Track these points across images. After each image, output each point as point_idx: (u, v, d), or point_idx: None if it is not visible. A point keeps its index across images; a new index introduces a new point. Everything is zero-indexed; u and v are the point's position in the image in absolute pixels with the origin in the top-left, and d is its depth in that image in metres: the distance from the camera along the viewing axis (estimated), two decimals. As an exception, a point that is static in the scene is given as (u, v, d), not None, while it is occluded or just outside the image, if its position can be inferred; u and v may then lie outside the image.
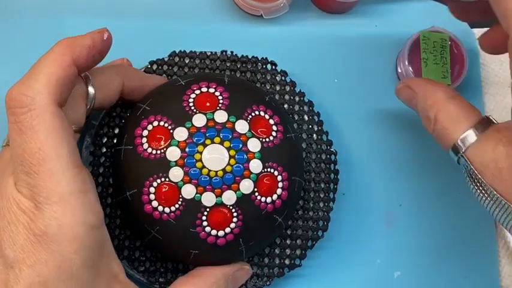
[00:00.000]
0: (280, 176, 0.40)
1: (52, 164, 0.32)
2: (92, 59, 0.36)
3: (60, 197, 0.32)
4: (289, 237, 0.44)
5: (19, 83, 0.33)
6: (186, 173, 0.38)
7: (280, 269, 0.44)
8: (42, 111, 0.32)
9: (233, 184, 0.38)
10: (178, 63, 0.46)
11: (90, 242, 0.33)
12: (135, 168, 0.39)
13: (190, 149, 0.38)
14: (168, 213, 0.38)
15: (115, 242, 0.42)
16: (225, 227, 0.38)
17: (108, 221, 0.42)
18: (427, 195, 0.48)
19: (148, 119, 0.39)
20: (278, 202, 0.40)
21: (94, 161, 0.43)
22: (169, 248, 0.40)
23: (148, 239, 0.39)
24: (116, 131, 0.44)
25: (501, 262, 0.49)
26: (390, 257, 0.48)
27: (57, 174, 0.32)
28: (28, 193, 0.32)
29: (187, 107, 0.39)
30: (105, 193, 0.43)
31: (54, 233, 0.32)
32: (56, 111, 0.33)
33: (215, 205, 0.38)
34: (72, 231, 0.32)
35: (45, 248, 0.32)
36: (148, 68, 0.46)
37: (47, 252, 0.32)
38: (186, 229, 0.38)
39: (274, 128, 0.41)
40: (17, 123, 0.33)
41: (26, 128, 0.32)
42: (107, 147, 0.43)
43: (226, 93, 0.41)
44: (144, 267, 0.43)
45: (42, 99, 0.33)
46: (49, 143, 0.32)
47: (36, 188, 0.32)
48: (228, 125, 0.39)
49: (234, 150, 0.38)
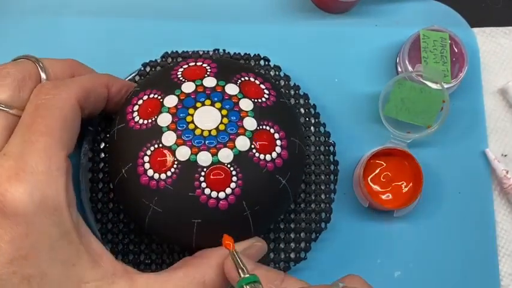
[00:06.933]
0: (277, 134, 0.38)
1: (52, 140, 0.34)
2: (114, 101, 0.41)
3: (48, 169, 0.33)
4: (293, 230, 0.44)
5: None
6: (178, 136, 0.37)
7: (285, 263, 0.44)
8: (63, 98, 0.36)
9: (228, 142, 0.37)
10: (171, 64, 0.45)
11: (67, 217, 0.34)
12: (128, 143, 0.38)
13: (181, 114, 0.37)
14: (165, 179, 0.36)
15: (119, 247, 0.42)
16: (225, 187, 0.36)
17: (112, 226, 0.42)
18: (427, 195, 0.48)
19: (139, 96, 0.39)
20: (279, 161, 0.38)
21: (93, 167, 0.43)
22: (171, 221, 0.38)
23: (149, 217, 0.38)
24: None
25: (501, 262, 0.49)
26: (390, 257, 0.48)
27: (52, 149, 0.34)
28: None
29: (176, 78, 0.39)
30: (106, 198, 0.43)
31: (36, 204, 0.32)
32: (75, 105, 0.36)
33: (212, 164, 0.36)
34: (53, 203, 0.33)
35: (24, 220, 0.32)
36: (141, 70, 0.45)
37: (27, 225, 0.32)
38: (185, 194, 0.36)
39: (266, 92, 0.40)
40: (37, 103, 0.35)
41: (44, 105, 0.35)
42: (105, 152, 0.43)
43: (214, 64, 0.40)
44: (151, 270, 0.42)
45: (67, 92, 0.36)
46: (57, 124, 0.34)
47: (28, 155, 0.33)
48: (217, 89, 0.38)
49: (226, 110, 0.38)
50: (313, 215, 0.45)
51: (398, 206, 0.47)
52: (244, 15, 0.50)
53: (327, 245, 0.47)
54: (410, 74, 0.48)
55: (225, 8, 0.50)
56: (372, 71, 0.50)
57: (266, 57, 0.47)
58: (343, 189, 0.48)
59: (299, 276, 0.46)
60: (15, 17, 0.49)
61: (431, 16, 0.51)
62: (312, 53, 0.50)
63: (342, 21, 0.51)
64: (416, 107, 0.47)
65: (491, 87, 0.51)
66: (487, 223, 0.49)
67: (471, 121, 0.50)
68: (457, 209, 0.49)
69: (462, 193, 0.49)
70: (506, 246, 0.49)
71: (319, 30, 0.50)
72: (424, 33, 0.48)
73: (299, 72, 0.48)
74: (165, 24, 0.49)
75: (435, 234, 0.48)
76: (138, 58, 0.46)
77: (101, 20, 0.49)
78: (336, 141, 0.46)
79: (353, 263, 0.47)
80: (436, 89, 0.48)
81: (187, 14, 0.50)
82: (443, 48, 0.48)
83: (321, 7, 0.51)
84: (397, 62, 0.50)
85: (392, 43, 0.51)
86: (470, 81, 0.50)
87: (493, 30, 0.52)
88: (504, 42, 0.52)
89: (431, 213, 0.48)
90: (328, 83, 0.50)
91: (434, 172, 0.49)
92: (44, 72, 0.37)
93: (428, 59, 0.48)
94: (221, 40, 0.48)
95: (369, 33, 0.51)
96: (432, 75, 0.48)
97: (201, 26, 0.50)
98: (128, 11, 0.50)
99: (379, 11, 0.51)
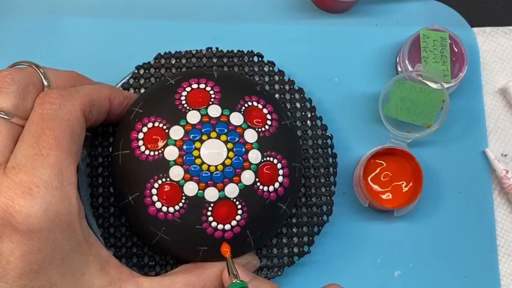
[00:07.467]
0: (280, 163, 0.40)
1: (62, 153, 0.33)
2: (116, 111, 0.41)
3: (61, 184, 0.33)
4: (295, 225, 0.45)
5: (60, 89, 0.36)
6: (186, 170, 0.38)
7: (290, 258, 0.44)
8: (69, 110, 0.35)
9: (234, 177, 0.38)
10: (165, 65, 0.45)
11: (79, 230, 0.34)
12: (135, 172, 0.39)
13: (187, 147, 0.38)
14: (173, 212, 0.38)
15: (123, 251, 0.42)
16: (231, 220, 0.38)
17: (114, 231, 0.42)
18: (427, 195, 0.48)
19: (143, 121, 0.39)
20: (281, 190, 0.40)
21: (92, 172, 0.43)
22: (178, 247, 0.40)
23: (156, 240, 0.39)
24: (110, 140, 0.43)
25: (501, 261, 0.49)
26: (391, 257, 0.48)
27: (63, 163, 0.33)
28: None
29: (180, 105, 0.39)
30: (107, 203, 0.43)
31: (51, 220, 0.32)
32: (81, 117, 0.36)
33: (219, 199, 0.38)
34: (66, 218, 0.33)
35: (38, 236, 0.32)
36: (135, 73, 0.45)
37: (41, 240, 0.32)
38: (192, 227, 0.38)
39: (268, 117, 0.40)
40: (43, 113, 0.34)
41: (50, 115, 0.34)
42: (103, 156, 0.43)
43: (217, 88, 0.40)
44: (155, 272, 0.43)
45: (72, 103, 0.35)
46: (66, 136, 0.34)
47: (40, 169, 0.32)
48: (222, 119, 0.39)
49: (232, 143, 0.38)
50: (315, 208, 0.45)
51: (398, 206, 0.47)
52: (244, 15, 0.50)
53: (326, 245, 0.47)
54: (410, 73, 0.48)
55: (225, 7, 0.50)
56: (371, 70, 0.50)
57: (260, 53, 0.47)
58: (343, 189, 0.48)
59: (299, 275, 0.46)
60: (14, 17, 0.49)
61: (431, 16, 0.51)
62: (312, 52, 0.50)
63: (342, 21, 0.51)
64: (416, 106, 0.47)
65: (491, 87, 0.51)
66: (487, 223, 0.49)
67: (471, 121, 0.50)
68: (457, 209, 0.49)
69: (462, 193, 0.49)
70: (506, 246, 0.49)
71: (319, 30, 0.50)
72: (424, 33, 0.48)
73: (299, 72, 0.48)
74: (162, 24, 0.49)
75: (435, 234, 0.48)
76: (133, 58, 0.45)
77: (98, 21, 0.49)
78: (336, 141, 0.46)
79: (353, 262, 0.47)
80: (436, 89, 0.48)
81: (187, 14, 0.50)
82: (443, 48, 0.48)
83: (321, 7, 0.51)
84: (397, 62, 0.50)
85: (392, 43, 0.51)
86: (470, 81, 0.50)
87: (493, 30, 0.52)
88: (504, 42, 0.52)
89: (431, 213, 0.48)
90: (328, 83, 0.50)
91: (434, 172, 0.49)
92: (46, 80, 0.37)
93: (428, 58, 0.48)
94: (221, 40, 0.48)
95: (369, 32, 0.51)
96: (432, 75, 0.48)
97: (201, 26, 0.50)
98: (121, 11, 0.49)
99: (379, 10, 0.51)
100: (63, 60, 0.42)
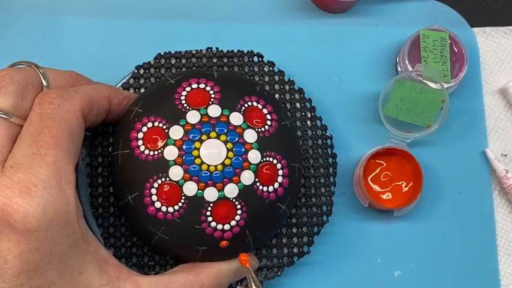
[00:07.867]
0: (279, 164, 0.40)
1: (60, 152, 0.33)
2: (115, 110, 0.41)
3: (59, 183, 0.33)
4: (294, 225, 0.45)
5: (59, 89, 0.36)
6: (185, 170, 0.38)
7: (289, 258, 0.44)
8: (68, 109, 0.35)
9: (234, 177, 0.38)
10: (165, 65, 0.45)
11: (77, 230, 0.34)
12: (134, 172, 0.39)
13: (187, 147, 0.38)
14: (172, 212, 0.38)
15: (122, 250, 0.42)
16: (230, 220, 0.38)
17: (113, 230, 0.43)
18: (427, 195, 0.48)
19: (142, 121, 0.39)
20: (280, 190, 0.40)
21: (92, 172, 0.43)
22: (177, 247, 0.40)
23: (155, 240, 0.39)
24: (110, 139, 0.43)
25: (501, 261, 0.49)
26: (391, 257, 0.48)
27: (61, 163, 0.33)
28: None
29: (180, 104, 0.39)
30: (107, 202, 0.43)
31: (49, 219, 0.32)
32: (80, 117, 0.36)
33: (218, 199, 0.38)
34: (64, 218, 0.33)
35: (36, 235, 0.32)
36: (135, 73, 0.45)
37: (38, 240, 0.32)
38: (191, 226, 0.38)
39: (268, 117, 0.41)
40: (42, 113, 0.34)
41: (49, 115, 0.34)
42: (103, 156, 0.43)
43: (217, 87, 0.40)
44: (155, 272, 0.43)
45: (72, 103, 0.35)
46: (64, 136, 0.34)
47: (38, 169, 0.32)
48: (222, 119, 0.39)
49: (231, 143, 0.38)
50: (314, 208, 0.45)
51: (398, 206, 0.47)
52: (244, 15, 0.50)
53: (326, 245, 0.47)
54: (410, 73, 0.48)
55: (225, 8, 0.50)
56: (371, 70, 0.50)
57: (260, 53, 0.47)
58: (343, 189, 0.48)
59: (299, 276, 0.46)
60: (14, 17, 0.49)
61: (431, 16, 0.51)
62: (311, 52, 0.50)
63: (342, 21, 0.51)
64: (416, 106, 0.47)
65: (491, 87, 0.51)
66: (487, 223, 0.49)
67: (471, 121, 0.50)
68: (457, 209, 0.49)
69: (462, 193, 0.49)
70: (506, 246, 0.49)
71: (319, 30, 0.50)
72: (424, 32, 0.48)
73: (299, 72, 0.48)
74: (162, 24, 0.49)
75: (435, 234, 0.48)
76: (133, 58, 0.45)
77: (98, 21, 0.49)
78: (336, 141, 0.46)
79: (353, 262, 0.47)
80: (435, 89, 0.48)
81: (187, 14, 0.50)
82: (443, 48, 0.48)
83: (321, 7, 0.51)
84: (397, 62, 0.50)
85: (392, 43, 0.51)
86: (470, 81, 0.50)
87: (493, 30, 0.52)
88: (504, 42, 0.52)
89: (431, 213, 0.49)
90: (328, 83, 0.50)
91: (434, 172, 0.49)
92: (45, 80, 0.37)
93: (428, 58, 0.48)
94: (221, 40, 0.48)
95: (369, 32, 0.51)
96: (432, 75, 0.48)
97: (201, 26, 0.50)
98: (121, 11, 0.49)
99: (379, 10, 0.51)
100: (62, 60, 0.42)
